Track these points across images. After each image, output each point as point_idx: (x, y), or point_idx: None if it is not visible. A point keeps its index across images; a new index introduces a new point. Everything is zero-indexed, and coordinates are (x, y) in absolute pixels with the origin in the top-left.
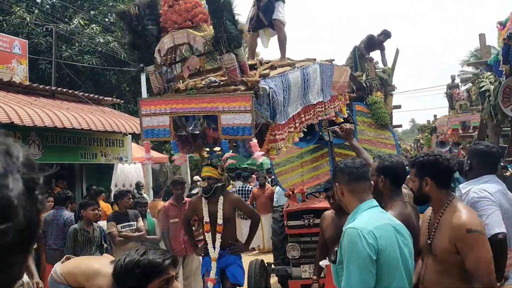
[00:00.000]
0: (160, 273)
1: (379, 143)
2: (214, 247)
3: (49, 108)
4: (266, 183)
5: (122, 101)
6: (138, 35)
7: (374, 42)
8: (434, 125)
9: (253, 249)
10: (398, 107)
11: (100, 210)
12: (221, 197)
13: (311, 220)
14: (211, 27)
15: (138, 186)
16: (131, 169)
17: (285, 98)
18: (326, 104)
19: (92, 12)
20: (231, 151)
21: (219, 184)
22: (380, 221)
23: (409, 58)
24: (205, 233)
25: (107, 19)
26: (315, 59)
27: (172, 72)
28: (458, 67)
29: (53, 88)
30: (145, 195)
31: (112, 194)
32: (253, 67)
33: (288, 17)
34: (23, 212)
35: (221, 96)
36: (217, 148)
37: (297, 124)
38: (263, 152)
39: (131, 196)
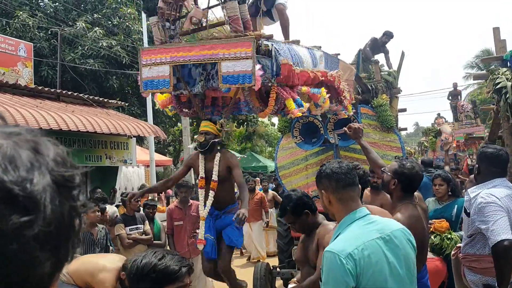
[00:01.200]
0: (175, 280)
1: (385, 146)
2: (205, 205)
3: (54, 110)
4: (256, 187)
5: (126, 104)
6: None
7: (378, 45)
8: (438, 128)
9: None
10: (404, 110)
11: (107, 213)
12: (218, 154)
13: None
14: None
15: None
16: (134, 172)
17: (294, 58)
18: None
19: (95, 15)
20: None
21: (216, 140)
22: (363, 237)
23: (414, 61)
24: (199, 189)
25: (110, 22)
26: (320, 47)
27: (175, 30)
28: (462, 69)
29: (58, 91)
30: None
31: (116, 196)
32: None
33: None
34: (52, 208)
35: (222, 42)
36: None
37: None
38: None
39: (138, 199)
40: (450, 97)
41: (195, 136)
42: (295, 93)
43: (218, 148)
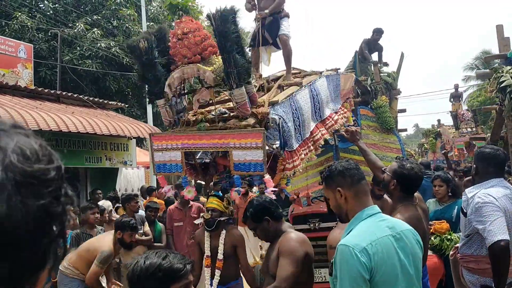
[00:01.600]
0: (181, 278)
1: (384, 147)
2: (211, 284)
3: (54, 112)
4: (250, 191)
5: (126, 105)
6: (147, 68)
7: (372, 44)
8: (439, 130)
9: None
10: (403, 111)
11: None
12: (224, 231)
13: (316, 224)
14: (219, 57)
15: (143, 191)
16: (134, 174)
17: (295, 122)
18: (337, 114)
19: (95, 17)
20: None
21: (222, 218)
22: (377, 233)
23: (414, 62)
24: (205, 268)
25: (110, 23)
26: (321, 72)
27: (182, 103)
28: (462, 71)
29: (58, 92)
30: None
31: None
32: (260, 88)
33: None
34: (5, 207)
35: (232, 132)
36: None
37: (311, 144)
38: (275, 189)
39: (138, 200)
40: (452, 99)
41: (202, 214)
42: (299, 159)
43: (225, 222)
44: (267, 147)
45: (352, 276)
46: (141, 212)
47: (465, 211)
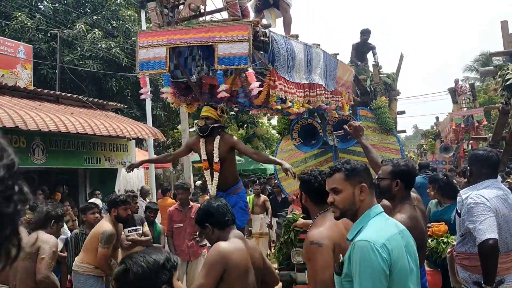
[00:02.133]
0: (176, 267)
1: (384, 148)
2: (212, 186)
3: (54, 112)
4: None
5: (125, 106)
6: None
7: (362, 47)
8: (437, 130)
9: None
10: (403, 112)
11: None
12: (218, 137)
13: None
14: None
15: (143, 192)
16: (133, 174)
17: (289, 59)
18: (328, 92)
19: (94, 17)
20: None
21: (216, 125)
22: (389, 230)
23: (413, 63)
24: (204, 170)
25: (109, 24)
26: (319, 45)
27: (174, 17)
28: (461, 73)
29: (57, 93)
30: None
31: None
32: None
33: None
34: None
35: (218, 25)
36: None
37: (303, 93)
38: (259, 83)
39: (137, 201)
40: (452, 94)
41: (195, 121)
42: (289, 89)
43: (219, 131)
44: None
45: (374, 272)
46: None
47: (459, 211)
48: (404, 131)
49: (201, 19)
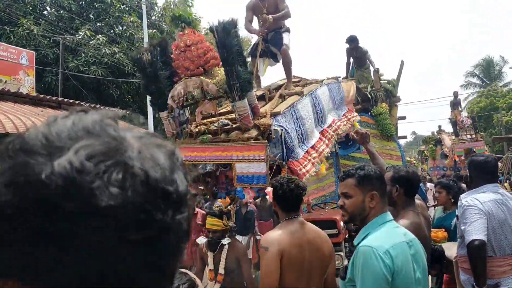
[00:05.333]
0: None
1: (385, 154)
2: None
3: None
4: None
5: (128, 112)
6: (151, 80)
7: (354, 53)
8: (438, 137)
9: None
10: (403, 118)
11: None
12: (226, 246)
13: None
14: (222, 69)
15: None
16: None
17: (298, 131)
18: (341, 119)
19: (98, 24)
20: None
21: (224, 240)
22: (396, 238)
23: (414, 70)
24: (209, 281)
25: (113, 30)
26: (322, 81)
27: (185, 114)
28: (465, 78)
29: (60, 99)
30: None
31: None
32: (262, 97)
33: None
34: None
35: (235, 145)
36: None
37: (317, 153)
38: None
39: None
40: (452, 106)
41: (203, 228)
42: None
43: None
44: (269, 159)
45: (376, 278)
46: None
47: (457, 214)
48: (404, 137)
49: (214, 124)
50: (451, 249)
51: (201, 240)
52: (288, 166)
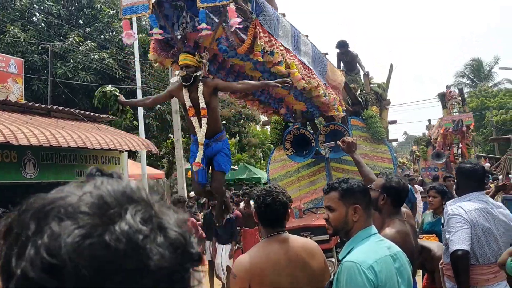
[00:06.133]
0: None
1: (375, 157)
2: (201, 132)
3: (45, 126)
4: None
5: (118, 117)
6: None
7: (345, 57)
8: (429, 137)
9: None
10: (394, 122)
11: None
12: (200, 84)
13: (308, 238)
14: None
15: None
16: None
17: (275, 23)
18: (323, 83)
19: (87, 29)
20: None
21: (198, 73)
22: (380, 252)
23: (404, 72)
24: (191, 118)
25: (102, 36)
26: (307, 36)
27: None
28: (454, 79)
29: (49, 106)
30: None
31: None
32: None
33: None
34: None
35: None
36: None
37: (291, 59)
38: (239, 20)
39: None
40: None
41: (176, 72)
42: (273, 42)
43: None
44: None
45: None
46: None
47: (442, 222)
48: (395, 140)
49: None
50: (440, 250)
51: (173, 79)
52: (260, 23)
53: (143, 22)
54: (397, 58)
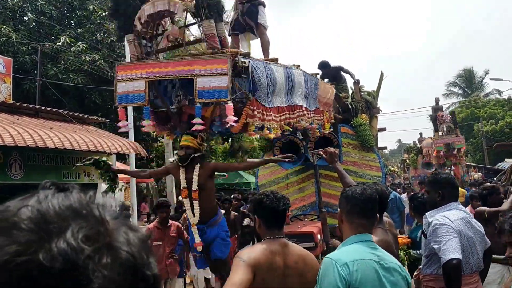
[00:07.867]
0: None
1: (364, 165)
2: (193, 214)
3: (32, 127)
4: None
5: (108, 120)
6: (119, 2)
7: (333, 77)
8: (420, 145)
9: None
10: (383, 129)
11: None
12: (198, 165)
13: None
14: None
15: (123, 208)
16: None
17: (269, 85)
18: (310, 112)
19: (79, 30)
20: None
21: (197, 155)
22: (362, 255)
23: (394, 81)
24: (183, 199)
25: (94, 37)
26: (299, 66)
27: (152, 47)
28: (446, 88)
29: (37, 107)
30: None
31: None
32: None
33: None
34: None
35: (198, 58)
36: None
37: (281, 117)
38: (235, 118)
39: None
40: (433, 112)
41: (175, 151)
42: (267, 116)
43: (199, 159)
44: (235, 89)
45: (329, 286)
46: None
47: (425, 233)
48: (385, 148)
49: (179, 50)
50: None
51: (171, 158)
52: (256, 99)
53: None
54: (388, 64)
